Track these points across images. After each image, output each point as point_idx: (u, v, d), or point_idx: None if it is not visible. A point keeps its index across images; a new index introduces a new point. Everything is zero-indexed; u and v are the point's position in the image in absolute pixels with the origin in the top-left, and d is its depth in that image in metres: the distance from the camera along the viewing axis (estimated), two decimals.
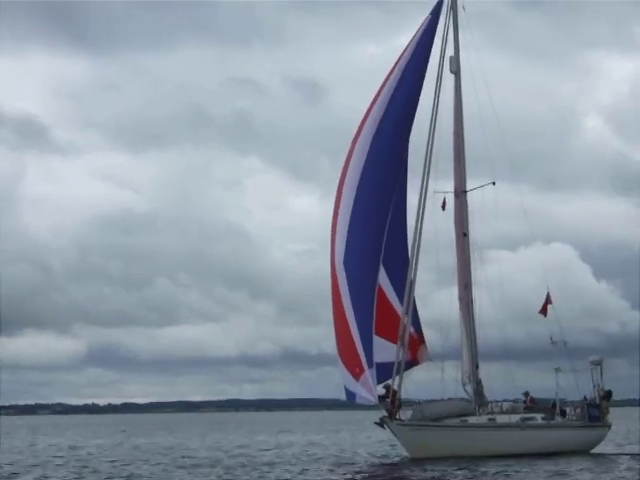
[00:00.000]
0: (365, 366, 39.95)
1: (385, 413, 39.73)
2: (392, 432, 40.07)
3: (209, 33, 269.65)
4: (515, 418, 41.33)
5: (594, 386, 43.48)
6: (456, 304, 43.12)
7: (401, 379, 40.24)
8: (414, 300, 42.03)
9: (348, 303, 40.68)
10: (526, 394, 43.60)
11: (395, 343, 40.66)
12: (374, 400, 39.90)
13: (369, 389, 39.83)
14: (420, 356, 42.89)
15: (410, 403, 41.17)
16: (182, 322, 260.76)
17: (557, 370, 43.71)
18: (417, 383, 44.30)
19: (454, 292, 43.29)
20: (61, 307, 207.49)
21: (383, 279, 41.42)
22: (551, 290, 43.37)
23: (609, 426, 43.24)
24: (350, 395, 40.92)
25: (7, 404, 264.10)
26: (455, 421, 40.63)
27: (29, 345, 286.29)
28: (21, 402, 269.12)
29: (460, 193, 43.36)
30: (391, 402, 39.64)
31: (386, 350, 40.56)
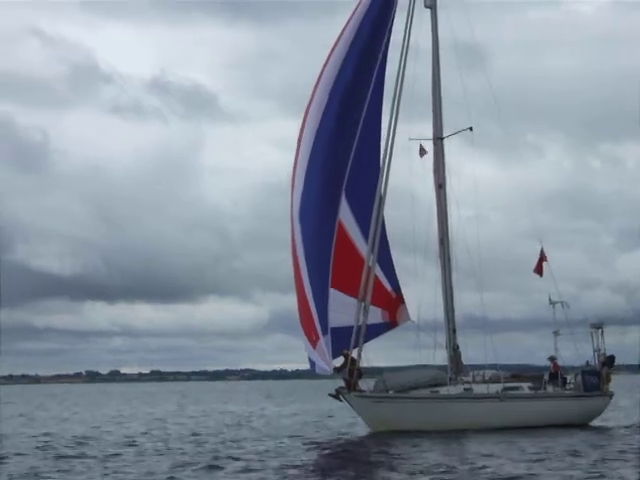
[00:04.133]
0: (320, 332, 36.13)
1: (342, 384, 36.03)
2: (350, 405, 36.28)
3: None
4: (497, 388, 37.04)
5: (594, 351, 39.04)
6: None
7: (361, 344, 36.25)
8: (389, 251, 38.14)
9: (302, 258, 36.77)
10: (552, 359, 39.26)
11: (356, 297, 36.60)
12: (329, 370, 36.07)
13: (324, 357, 36.04)
14: (399, 317, 38.90)
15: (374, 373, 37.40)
16: None
17: (556, 334, 39.47)
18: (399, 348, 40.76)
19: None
20: (241, 274, 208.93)
21: (345, 214, 37.15)
22: None
23: (610, 395, 38.64)
24: (311, 364, 37.24)
25: (197, 370, 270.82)
26: (425, 392, 36.57)
27: (213, 312, 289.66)
28: (210, 368, 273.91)
29: (436, 140, 39.11)
30: (349, 372, 35.80)
31: (347, 309, 36.51)
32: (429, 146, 39.09)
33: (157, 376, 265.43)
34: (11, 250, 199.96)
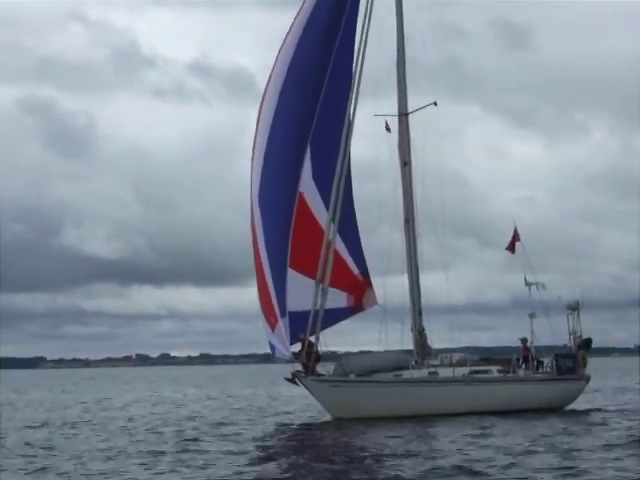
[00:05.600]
0: (278, 316, 34.82)
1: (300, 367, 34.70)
2: (307, 389, 34.96)
3: None
4: (463, 371, 35.59)
5: (570, 334, 37.51)
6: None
7: (318, 330, 34.86)
8: (357, 231, 36.80)
9: (261, 238, 35.40)
10: (524, 340, 37.86)
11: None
12: (288, 355, 34.75)
13: (282, 341, 34.76)
14: (366, 301, 37.44)
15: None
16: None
17: (531, 316, 37.99)
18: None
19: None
20: None
21: (308, 186, 35.65)
22: None
23: (587, 379, 37.08)
24: (271, 348, 35.93)
25: (247, 352, 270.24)
26: (387, 376, 35.17)
27: None
28: (259, 351, 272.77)
29: (401, 116, 37.80)
30: (306, 355, 34.48)
31: (306, 291, 35.03)
32: (394, 122, 37.91)
33: (206, 359, 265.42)
34: (60, 235, 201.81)
